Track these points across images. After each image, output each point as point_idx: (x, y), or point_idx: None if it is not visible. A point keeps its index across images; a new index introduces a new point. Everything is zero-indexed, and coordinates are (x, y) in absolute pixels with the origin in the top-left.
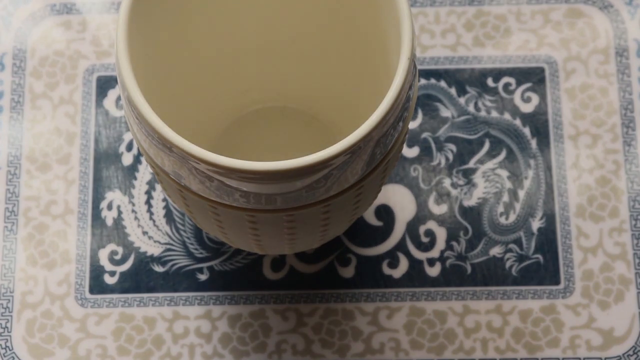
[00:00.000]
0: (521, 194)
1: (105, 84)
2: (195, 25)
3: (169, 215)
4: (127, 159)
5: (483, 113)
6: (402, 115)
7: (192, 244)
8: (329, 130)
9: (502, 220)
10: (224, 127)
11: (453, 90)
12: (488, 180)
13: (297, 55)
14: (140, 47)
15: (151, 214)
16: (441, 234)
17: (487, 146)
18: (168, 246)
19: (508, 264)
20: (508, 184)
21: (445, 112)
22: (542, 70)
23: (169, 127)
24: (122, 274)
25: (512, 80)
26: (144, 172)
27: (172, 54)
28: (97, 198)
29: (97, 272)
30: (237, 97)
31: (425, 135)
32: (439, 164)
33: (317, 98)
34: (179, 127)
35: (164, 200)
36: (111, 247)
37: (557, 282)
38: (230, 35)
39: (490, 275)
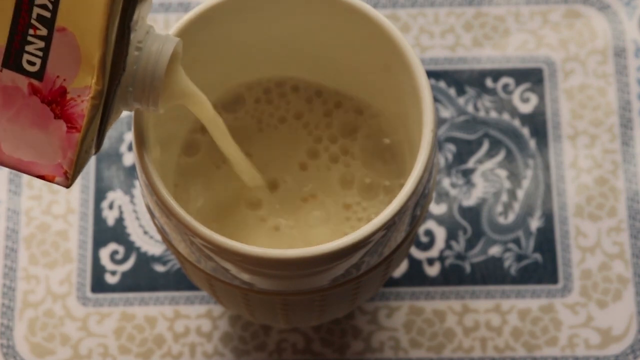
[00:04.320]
0: (520, 193)
1: None
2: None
3: None
4: (129, 159)
5: (482, 113)
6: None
7: None
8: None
9: (501, 219)
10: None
11: (452, 91)
12: (487, 180)
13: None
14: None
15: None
16: (440, 233)
17: (486, 146)
18: None
19: (507, 264)
20: (507, 184)
21: (445, 113)
22: (540, 70)
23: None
24: (124, 273)
25: (511, 80)
26: None
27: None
28: (99, 198)
29: (98, 272)
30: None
31: None
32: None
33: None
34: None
35: None
36: (112, 246)
37: (556, 282)
38: None
39: (489, 275)
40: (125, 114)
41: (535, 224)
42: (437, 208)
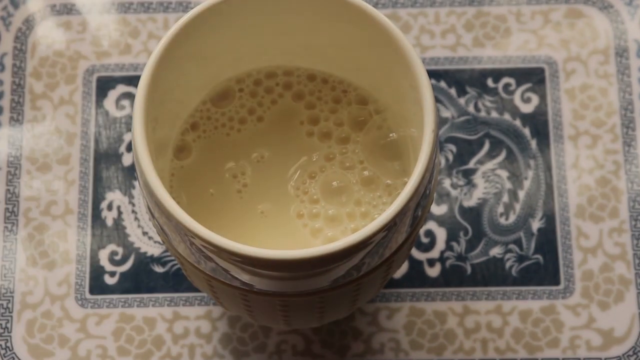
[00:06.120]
0: (521, 194)
1: (105, 85)
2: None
3: None
4: (127, 160)
5: (483, 113)
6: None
7: None
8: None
9: (502, 220)
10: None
11: (453, 91)
12: (488, 181)
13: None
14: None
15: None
16: (441, 234)
17: (487, 147)
18: None
19: (508, 265)
20: (508, 185)
21: (445, 113)
22: (542, 70)
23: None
24: (122, 274)
25: (512, 80)
26: None
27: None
28: (97, 198)
29: (97, 273)
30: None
31: None
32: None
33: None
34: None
35: None
36: (111, 247)
37: (557, 283)
38: None
39: (490, 276)
40: (124, 114)
41: (536, 224)
42: (437, 209)
